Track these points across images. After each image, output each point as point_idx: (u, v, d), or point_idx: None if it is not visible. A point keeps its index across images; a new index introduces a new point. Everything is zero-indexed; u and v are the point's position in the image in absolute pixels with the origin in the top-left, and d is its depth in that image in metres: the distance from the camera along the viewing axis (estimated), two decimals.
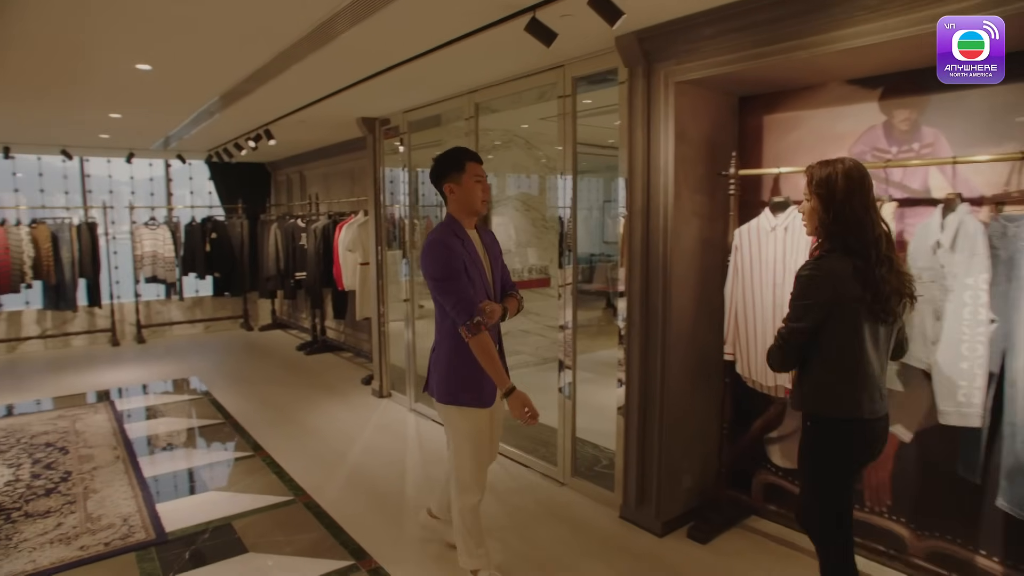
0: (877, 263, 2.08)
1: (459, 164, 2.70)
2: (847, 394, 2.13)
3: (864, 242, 2.09)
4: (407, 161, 5.60)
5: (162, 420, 5.52)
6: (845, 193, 2.09)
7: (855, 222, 2.09)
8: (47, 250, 7.99)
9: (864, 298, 2.07)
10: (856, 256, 2.09)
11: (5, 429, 5.29)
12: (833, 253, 2.13)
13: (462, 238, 2.68)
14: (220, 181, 9.61)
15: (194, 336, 9.33)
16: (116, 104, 5.20)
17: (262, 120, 5.93)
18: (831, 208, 2.12)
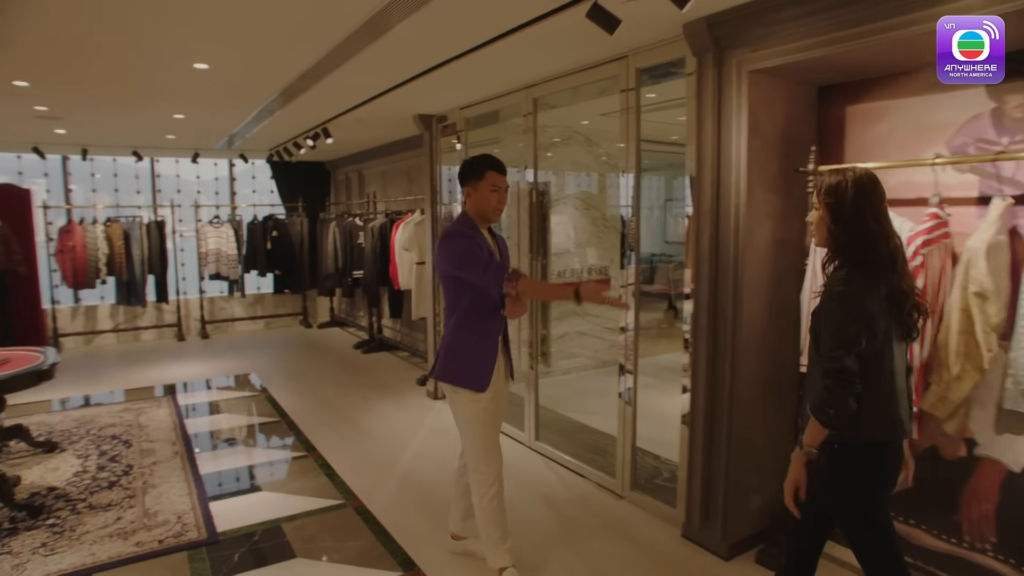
0: (897, 276, 2.00)
1: (479, 171, 2.82)
2: (888, 416, 2.00)
3: (879, 254, 1.99)
4: (464, 158, 5.48)
5: (220, 416, 5.59)
6: (855, 202, 2.00)
7: (866, 233, 1.99)
8: (120, 248, 8.26)
9: (890, 313, 1.98)
10: (874, 268, 1.99)
11: (78, 420, 5.45)
12: (853, 267, 2.01)
13: (475, 232, 2.82)
14: (281, 180, 9.76)
15: (255, 332, 9.51)
16: (178, 104, 5.28)
17: (320, 118, 5.93)
18: (840, 218, 2.02)
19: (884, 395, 1.99)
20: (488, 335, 2.85)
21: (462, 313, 2.82)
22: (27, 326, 8.08)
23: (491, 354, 2.85)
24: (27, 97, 4.86)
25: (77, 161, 8.75)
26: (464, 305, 2.82)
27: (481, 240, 2.81)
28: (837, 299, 1.98)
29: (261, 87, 4.64)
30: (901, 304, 2.00)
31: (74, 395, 6.31)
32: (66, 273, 8.11)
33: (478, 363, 2.82)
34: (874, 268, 1.98)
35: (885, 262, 1.99)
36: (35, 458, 4.62)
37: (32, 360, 3.86)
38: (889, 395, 2.00)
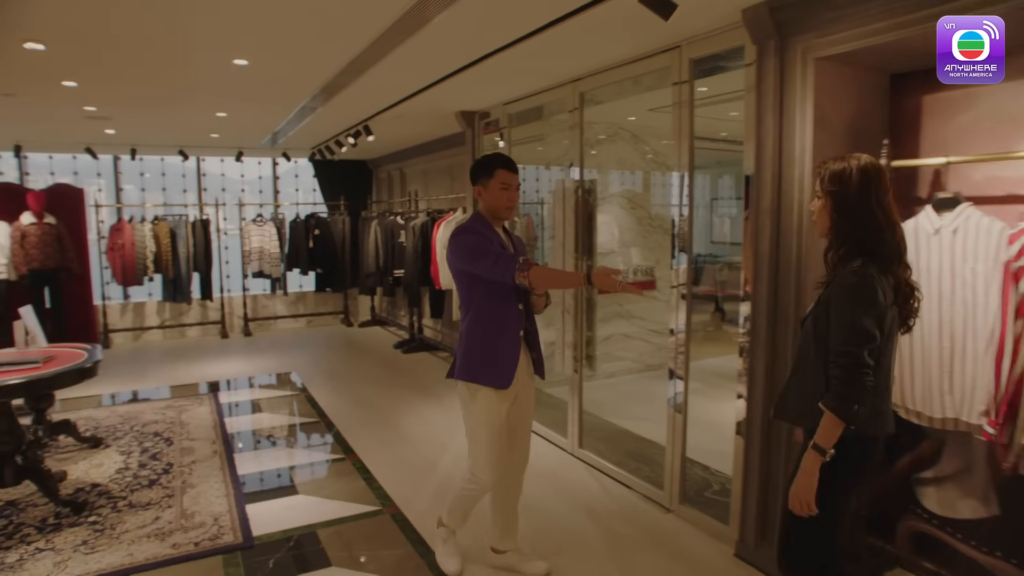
0: (904, 267, 1.97)
1: (490, 170, 2.79)
2: (882, 411, 1.96)
3: (884, 244, 1.94)
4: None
5: (260, 416, 5.57)
6: (860, 191, 1.95)
7: (873, 223, 1.94)
8: (166, 245, 8.38)
9: (896, 304, 1.95)
10: (883, 259, 1.94)
11: (123, 416, 5.50)
12: (859, 257, 1.95)
13: (487, 229, 2.78)
14: (323, 178, 9.79)
15: (297, 330, 9.55)
16: (220, 102, 5.27)
17: (360, 115, 5.87)
18: (845, 208, 1.97)
19: (883, 387, 1.94)
20: (506, 330, 2.76)
21: (476, 309, 2.77)
22: (79, 322, 8.27)
23: (511, 350, 2.76)
24: (76, 97, 4.91)
25: (128, 161, 8.93)
26: (478, 301, 2.76)
27: (493, 236, 2.77)
28: (851, 291, 1.90)
29: (301, 83, 4.58)
30: (907, 296, 1.96)
31: (121, 391, 6.39)
32: (116, 270, 8.26)
33: (497, 358, 2.74)
34: (883, 259, 1.93)
35: (892, 253, 1.94)
36: (81, 453, 4.66)
37: (76, 358, 3.87)
38: (886, 387, 1.96)
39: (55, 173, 8.88)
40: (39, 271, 7.59)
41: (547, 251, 6.85)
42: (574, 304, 4.42)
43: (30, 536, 3.48)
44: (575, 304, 4.42)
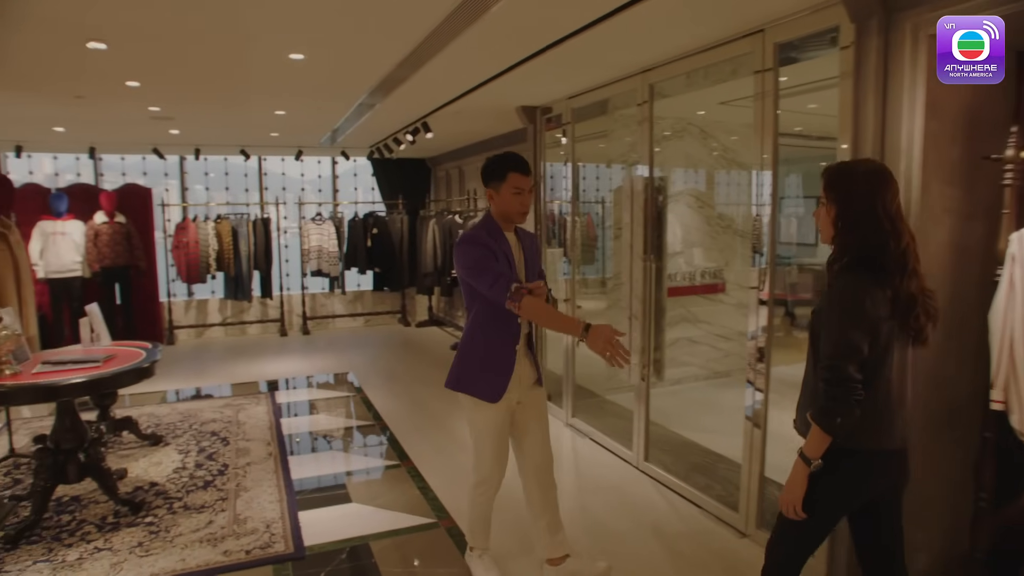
0: (906, 276, 1.85)
1: (501, 173, 2.66)
2: (881, 424, 1.90)
3: (887, 254, 1.85)
4: (570, 153, 5.12)
5: (316, 417, 5.51)
6: (865, 198, 1.86)
7: (876, 232, 1.85)
8: (228, 244, 8.49)
9: (894, 316, 1.85)
10: (881, 270, 1.85)
11: (183, 413, 5.54)
12: (859, 267, 1.87)
13: (495, 236, 2.67)
14: (382, 177, 9.76)
15: (354, 329, 9.55)
16: (278, 100, 5.22)
17: (419, 112, 5.74)
18: (848, 215, 1.89)
19: (880, 402, 1.89)
20: (503, 341, 2.70)
21: (475, 315, 2.71)
22: (147, 318, 8.46)
23: (505, 362, 2.70)
24: (140, 98, 4.94)
25: (193, 161, 9.10)
26: (477, 307, 2.69)
27: (499, 245, 2.65)
28: (839, 302, 1.88)
29: (357, 78, 4.47)
30: (908, 309, 1.86)
31: (183, 387, 6.47)
32: (180, 268, 8.42)
33: (488, 372, 2.70)
34: (881, 270, 1.85)
35: (893, 263, 1.85)
36: (141, 450, 4.68)
37: (135, 357, 3.85)
38: (886, 403, 1.90)
39: (126, 174, 9.12)
40: (110, 268, 7.80)
41: (609, 252, 6.59)
42: (642, 309, 4.15)
43: (90, 535, 3.47)
44: (643, 309, 4.16)
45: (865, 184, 1.87)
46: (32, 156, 8.69)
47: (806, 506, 1.93)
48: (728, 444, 4.18)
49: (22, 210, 8.11)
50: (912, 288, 1.86)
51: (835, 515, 2.03)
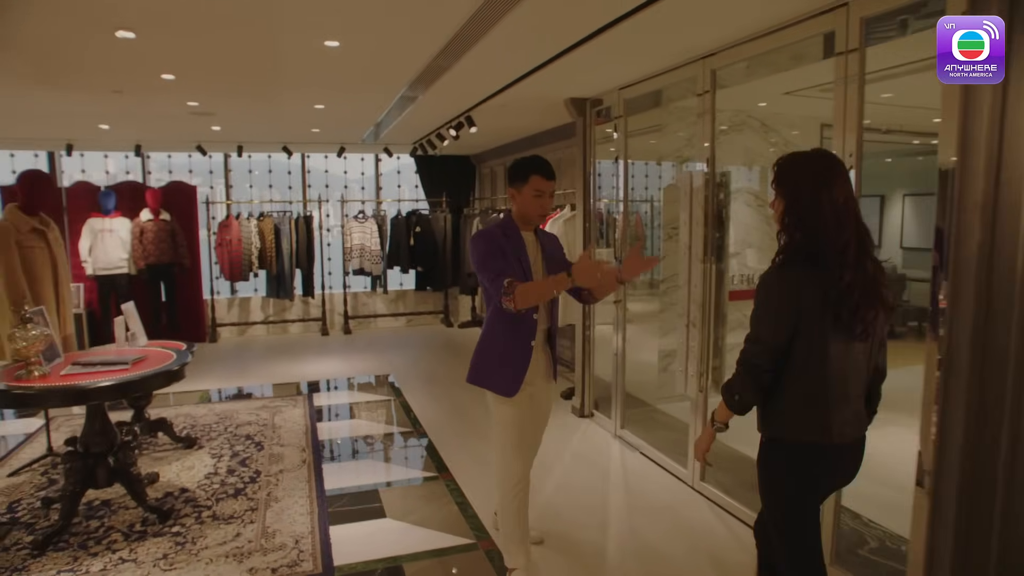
0: (843, 269, 1.84)
1: (524, 175, 2.73)
2: (814, 417, 1.92)
3: (827, 246, 1.85)
4: (622, 148, 4.80)
5: (353, 422, 5.33)
6: (811, 190, 1.87)
7: (820, 223, 1.85)
8: (270, 242, 8.42)
9: (829, 310, 1.85)
10: (818, 263, 1.86)
11: (220, 414, 5.42)
12: (794, 257, 1.90)
13: (509, 236, 2.75)
14: (425, 174, 9.58)
15: (396, 329, 9.40)
16: (316, 93, 5.04)
17: (462, 105, 5.50)
18: (797, 208, 1.89)
19: (811, 396, 1.90)
20: (518, 336, 2.77)
21: (494, 311, 2.78)
22: (191, 316, 8.46)
23: (521, 358, 2.78)
24: (177, 92, 4.83)
25: (237, 159, 9.08)
26: (495, 304, 2.73)
27: (510, 243, 2.73)
28: (763, 290, 1.94)
29: (396, 68, 4.23)
30: (841, 302, 1.84)
31: (224, 386, 6.38)
32: (223, 266, 8.39)
33: (504, 367, 2.79)
34: (815, 262, 1.85)
35: (831, 257, 1.84)
36: (175, 453, 4.56)
37: (166, 359, 3.71)
38: (818, 396, 1.90)
39: (173, 171, 9.16)
40: (155, 265, 7.81)
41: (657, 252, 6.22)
42: (700, 315, 3.82)
43: (116, 543, 3.34)
44: (702, 314, 3.82)
45: (812, 177, 1.88)
46: (85, 155, 8.79)
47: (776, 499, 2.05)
48: None
49: (74, 208, 8.21)
50: (848, 281, 1.83)
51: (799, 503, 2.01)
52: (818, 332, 1.85)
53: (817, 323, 1.85)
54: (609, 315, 5.24)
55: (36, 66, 4.03)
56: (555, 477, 4.17)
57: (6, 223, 3.97)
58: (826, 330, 1.86)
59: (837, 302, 1.84)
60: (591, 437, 4.91)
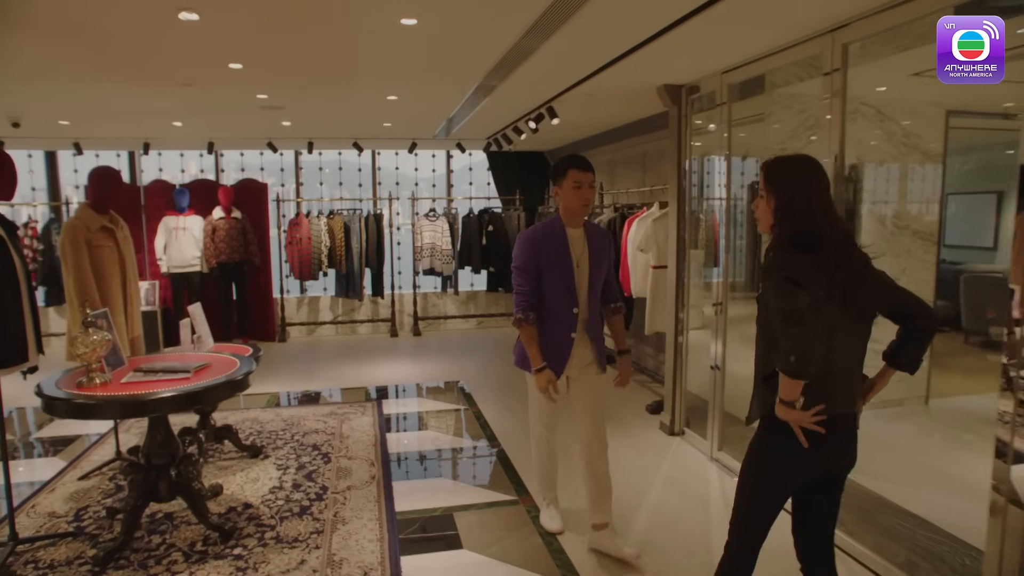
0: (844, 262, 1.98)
1: (563, 170, 3.01)
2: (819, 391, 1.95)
3: (826, 239, 1.99)
4: (724, 140, 4.29)
5: (424, 434, 5.01)
6: (803, 191, 2.02)
7: (811, 219, 2.00)
8: (340, 240, 8.26)
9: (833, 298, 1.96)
10: (815, 254, 1.97)
11: (287, 420, 5.22)
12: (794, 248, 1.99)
13: (554, 235, 3.02)
14: (498, 171, 9.25)
15: (466, 332, 9.09)
16: (389, 84, 4.74)
17: (544, 95, 5.10)
18: (788, 206, 2.03)
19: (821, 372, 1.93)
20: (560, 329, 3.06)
21: None
22: (260, 315, 8.39)
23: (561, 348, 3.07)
24: (246, 83, 4.62)
25: (308, 158, 8.98)
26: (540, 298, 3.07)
27: (553, 244, 3.01)
28: (772, 276, 1.98)
29: (478, 48, 3.85)
30: (848, 289, 1.97)
31: (292, 389, 6.21)
32: (293, 264, 8.28)
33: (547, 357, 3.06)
34: (819, 253, 1.98)
35: (831, 248, 1.98)
36: (240, 462, 4.35)
37: (230, 367, 3.47)
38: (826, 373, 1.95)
39: (245, 170, 9.14)
40: (226, 264, 7.75)
41: (737, 254, 5.64)
42: None
43: (176, 564, 3.12)
44: None
45: (803, 178, 2.03)
46: (162, 154, 8.87)
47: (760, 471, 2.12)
48: (927, 503, 3.28)
49: (151, 206, 8.27)
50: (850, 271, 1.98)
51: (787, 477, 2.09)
52: (825, 315, 1.95)
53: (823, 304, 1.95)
54: (702, 321, 4.75)
55: (103, 55, 3.86)
56: (648, 505, 3.73)
57: (76, 221, 3.83)
58: (833, 316, 1.97)
59: (843, 290, 1.97)
60: (684, 459, 4.43)
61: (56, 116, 5.90)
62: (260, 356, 4.42)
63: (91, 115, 5.82)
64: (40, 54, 3.82)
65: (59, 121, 6.12)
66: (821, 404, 1.94)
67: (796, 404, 1.94)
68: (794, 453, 2.00)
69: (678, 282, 4.79)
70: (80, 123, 6.25)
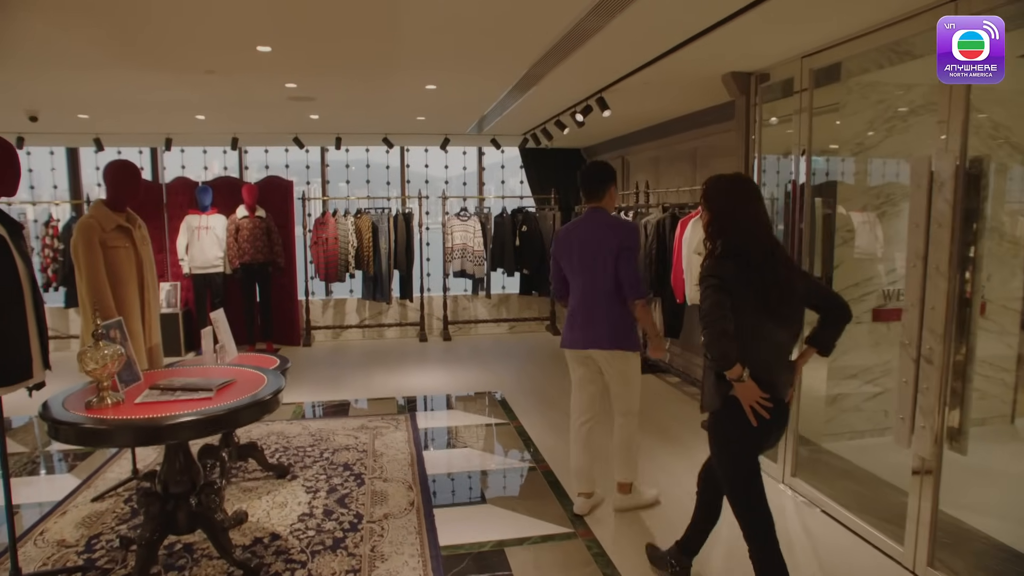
0: (770, 269, 2.28)
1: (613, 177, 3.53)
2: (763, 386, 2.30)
3: (753, 249, 2.28)
4: (801, 134, 3.83)
5: (464, 452, 4.61)
6: (732, 206, 2.33)
7: (742, 232, 2.30)
8: (368, 240, 7.91)
9: (757, 299, 2.26)
10: (745, 262, 2.27)
11: (315, 434, 4.85)
12: (722, 258, 2.32)
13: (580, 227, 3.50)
14: (532, 169, 8.84)
15: (498, 337, 8.69)
16: (429, 69, 4.34)
17: (596, 83, 4.68)
18: (723, 219, 2.33)
19: (756, 367, 2.29)
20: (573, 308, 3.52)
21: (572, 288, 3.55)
22: (285, 318, 8.07)
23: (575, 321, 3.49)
24: (275, 70, 4.27)
25: (334, 155, 8.65)
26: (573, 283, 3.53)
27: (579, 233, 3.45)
28: (702, 282, 2.32)
29: (534, 28, 3.42)
30: (768, 293, 2.26)
31: (317, 399, 5.85)
32: (319, 265, 7.95)
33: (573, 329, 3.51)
34: (746, 262, 2.28)
35: (758, 257, 2.28)
36: (265, 484, 3.99)
37: (257, 383, 3.10)
38: (761, 367, 2.31)
39: (269, 167, 8.83)
40: (250, 265, 7.42)
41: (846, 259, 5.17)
42: (942, 348, 2.82)
43: None
44: (944, 348, 2.82)
45: (733, 197, 2.35)
46: (185, 151, 8.58)
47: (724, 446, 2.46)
48: None
49: (173, 204, 7.98)
50: (775, 277, 2.28)
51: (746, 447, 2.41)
52: (752, 314, 2.27)
53: (747, 306, 2.26)
54: None
55: (120, 36, 3.52)
56: (720, 538, 3.29)
57: (90, 219, 3.48)
58: (760, 317, 2.28)
59: (764, 294, 2.25)
60: None
61: (74, 109, 5.60)
62: (288, 368, 4.06)
63: (110, 107, 5.50)
64: (53, 37, 3.49)
65: (78, 115, 5.81)
66: (768, 394, 2.30)
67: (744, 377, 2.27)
68: (747, 432, 2.34)
69: None
70: (99, 116, 5.95)
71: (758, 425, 2.29)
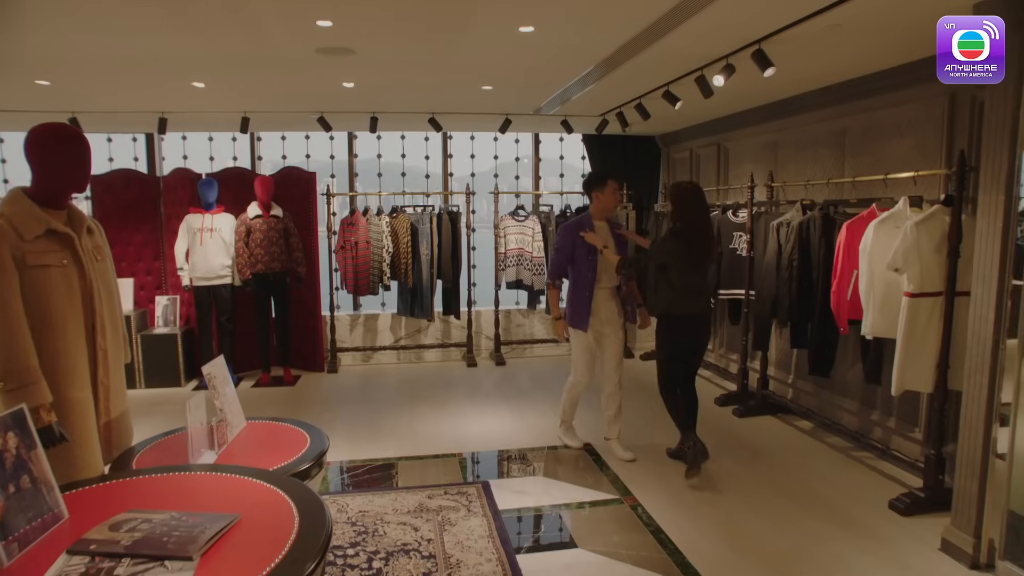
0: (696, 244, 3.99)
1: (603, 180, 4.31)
2: (679, 302, 3.97)
3: (691, 227, 3.98)
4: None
5: (575, 556, 3.19)
6: (683, 203, 4.00)
7: (692, 223, 3.97)
8: (406, 244, 6.54)
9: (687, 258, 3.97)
10: (685, 237, 3.97)
11: (356, 525, 3.46)
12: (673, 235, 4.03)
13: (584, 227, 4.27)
14: (596, 159, 7.43)
15: (558, 359, 7.23)
16: (525, 8, 2.93)
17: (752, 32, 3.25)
18: (679, 212, 4.01)
19: (677, 291, 3.96)
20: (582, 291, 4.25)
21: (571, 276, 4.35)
22: (305, 337, 6.71)
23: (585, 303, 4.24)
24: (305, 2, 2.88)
25: (363, 143, 7.29)
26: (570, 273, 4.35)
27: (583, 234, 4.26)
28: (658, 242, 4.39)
29: None
30: (692, 253, 3.98)
31: (351, 457, 4.45)
32: (346, 275, 6.58)
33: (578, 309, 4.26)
34: (686, 237, 3.97)
35: (694, 234, 3.97)
36: None
37: (281, 529, 1.72)
38: (680, 291, 3.96)
39: (287, 157, 7.47)
40: (263, 275, 6.05)
41: None
42: None
43: None
44: None
45: (682, 198, 4.03)
46: (187, 137, 7.25)
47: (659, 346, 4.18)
48: None
49: (171, 201, 6.63)
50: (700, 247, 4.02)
51: (674, 350, 4.13)
52: (678, 265, 3.95)
53: (679, 262, 3.95)
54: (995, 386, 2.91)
55: None
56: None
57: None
58: (685, 266, 3.97)
59: (689, 256, 3.97)
60: None
61: (31, 71, 4.22)
62: (326, 450, 2.66)
63: (77, 66, 4.08)
64: None
65: (36, 80, 4.43)
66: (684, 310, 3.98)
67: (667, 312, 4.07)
68: (672, 335, 4.09)
69: (996, 322, 2.92)
70: (66, 83, 4.55)
71: (683, 333, 4.07)
